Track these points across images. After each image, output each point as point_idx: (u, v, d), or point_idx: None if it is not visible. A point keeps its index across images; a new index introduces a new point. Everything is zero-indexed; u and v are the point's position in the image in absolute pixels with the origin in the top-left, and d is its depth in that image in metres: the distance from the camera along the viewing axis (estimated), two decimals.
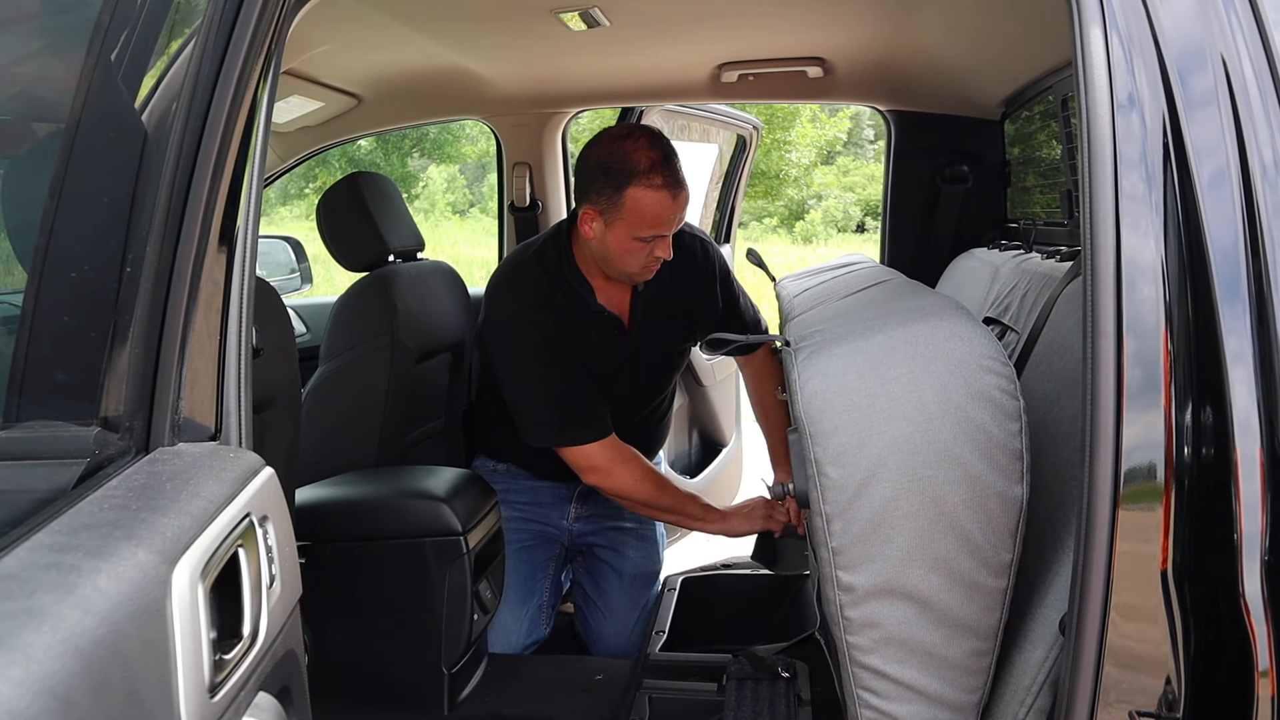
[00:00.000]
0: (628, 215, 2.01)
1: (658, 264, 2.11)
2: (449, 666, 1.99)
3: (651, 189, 1.99)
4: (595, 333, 2.17)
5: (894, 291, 1.55)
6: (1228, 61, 1.03)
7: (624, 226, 2.03)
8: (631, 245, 2.05)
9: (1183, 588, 1.00)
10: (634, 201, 2.00)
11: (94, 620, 0.62)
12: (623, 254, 2.07)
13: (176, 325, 0.91)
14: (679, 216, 2.06)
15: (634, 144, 2.02)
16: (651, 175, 1.99)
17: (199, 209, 0.93)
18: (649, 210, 2.00)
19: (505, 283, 2.18)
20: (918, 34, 2.24)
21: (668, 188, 2.00)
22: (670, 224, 2.05)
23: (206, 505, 0.79)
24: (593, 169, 2.05)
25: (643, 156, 2.00)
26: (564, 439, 2.10)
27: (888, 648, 1.24)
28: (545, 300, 2.12)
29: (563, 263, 2.17)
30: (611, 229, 2.04)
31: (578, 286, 2.16)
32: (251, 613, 0.82)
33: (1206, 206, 1.01)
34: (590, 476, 2.12)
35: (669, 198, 2.01)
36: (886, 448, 1.18)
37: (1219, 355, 0.99)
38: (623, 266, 2.10)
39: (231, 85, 0.95)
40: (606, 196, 2.02)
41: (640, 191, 1.99)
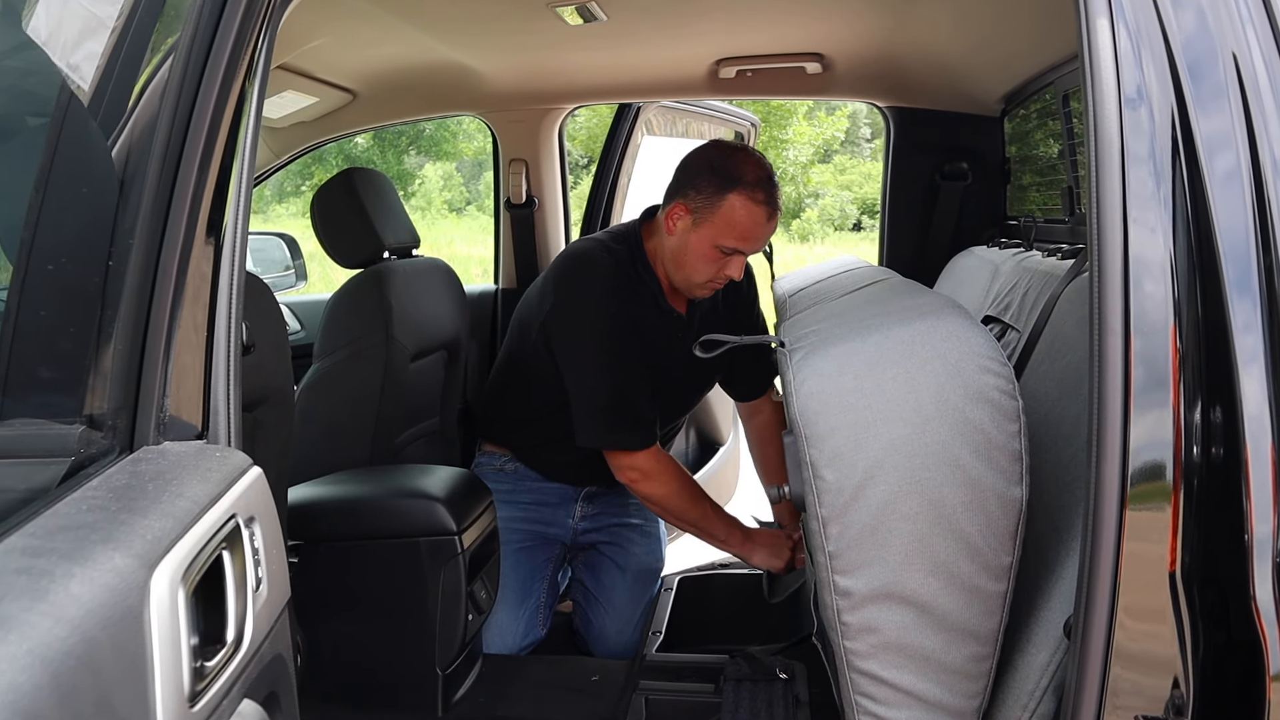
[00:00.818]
0: (720, 220, 2.01)
1: (721, 284, 2.11)
2: (443, 667, 1.97)
3: (754, 201, 1.99)
4: (660, 332, 2.17)
5: (890, 291, 1.53)
6: (1238, 56, 1.01)
7: (711, 230, 2.02)
8: (710, 253, 2.04)
9: (1192, 590, 0.98)
10: (731, 208, 2.00)
11: (64, 629, 0.59)
12: (698, 259, 2.05)
13: (162, 321, 0.89)
14: (765, 240, 2.07)
15: (746, 157, 2.04)
16: (756, 189, 2.00)
17: (185, 202, 0.90)
18: (743, 221, 2.00)
19: (580, 269, 2.15)
20: (917, 29, 2.23)
21: (768, 205, 2.01)
22: (756, 243, 2.05)
23: (189, 506, 0.77)
24: (700, 166, 2.05)
25: (752, 170, 2.01)
26: (613, 441, 2.10)
27: (886, 653, 1.22)
28: (620, 290, 2.11)
29: (635, 257, 2.16)
30: (698, 229, 2.04)
31: (650, 282, 2.15)
32: (236, 617, 0.80)
33: (1216, 202, 0.99)
34: (627, 475, 2.12)
35: (765, 216, 2.01)
36: (884, 450, 1.16)
37: (1229, 352, 0.97)
38: (691, 273, 2.08)
39: (219, 76, 0.92)
40: (706, 196, 2.02)
41: (741, 200, 1.99)
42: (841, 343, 1.23)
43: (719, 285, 2.11)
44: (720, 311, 2.29)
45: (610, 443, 2.10)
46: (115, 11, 1.03)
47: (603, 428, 2.09)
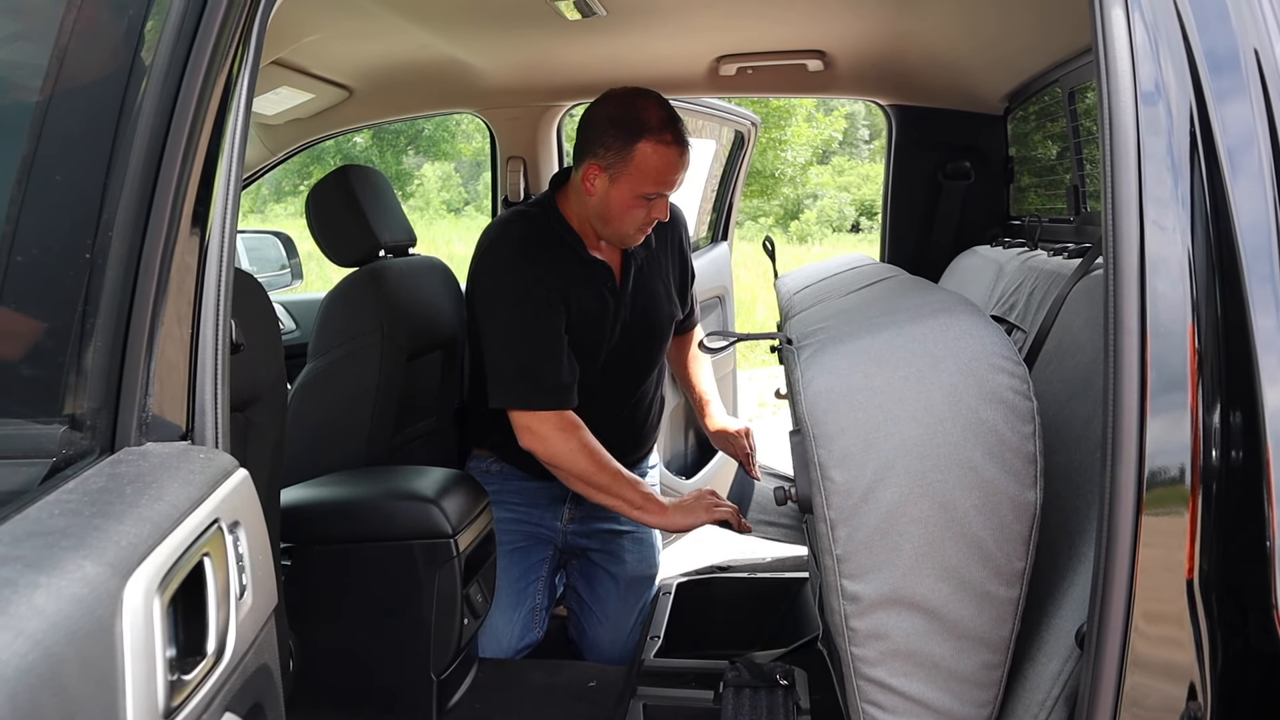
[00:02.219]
0: (635, 170, 2.02)
1: (650, 227, 2.12)
2: (438, 672, 1.94)
3: (663, 145, 2.00)
4: (587, 285, 2.15)
5: (900, 288, 1.50)
6: (1260, 51, 0.98)
7: (629, 182, 2.03)
8: (633, 203, 2.05)
9: (1210, 598, 0.95)
10: (643, 157, 2.00)
11: (24, 644, 0.55)
12: (623, 211, 2.06)
13: (144, 316, 0.86)
14: (682, 177, 2.07)
15: (644, 102, 2.04)
16: (663, 132, 2.00)
17: (168, 193, 0.87)
18: (657, 166, 2.01)
19: (492, 238, 2.16)
20: (920, 26, 2.20)
21: (677, 144, 2.02)
22: (674, 184, 2.06)
23: (169, 511, 0.73)
24: (602, 123, 2.05)
25: (654, 114, 2.02)
26: (519, 401, 2.07)
27: (894, 660, 1.19)
28: (533, 252, 2.10)
29: (550, 218, 2.16)
30: (615, 185, 2.04)
31: (566, 237, 2.15)
32: (218, 627, 0.76)
33: (1237, 200, 0.96)
34: (525, 438, 2.08)
35: (677, 155, 2.02)
36: (894, 450, 1.13)
37: (1250, 354, 0.94)
38: (619, 226, 2.09)
39: (204, 62, 0.89)
40: (615, 151, 2.02)
41: (650, 147, 2.00)
42: (851, 340, 1.20)
43: (648, 230, 2.13)
44: (657, 257, 2.30)
45: (517, 402, 2.07)
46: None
47: (510, 390, 2.08)
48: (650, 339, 2.31)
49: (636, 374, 2.31)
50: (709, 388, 2.58)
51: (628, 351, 2.25)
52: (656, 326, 2.31)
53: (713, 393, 2.58)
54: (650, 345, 2.32)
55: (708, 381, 2.59)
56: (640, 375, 2.32)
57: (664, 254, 2.32)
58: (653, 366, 2.36)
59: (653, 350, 2.33)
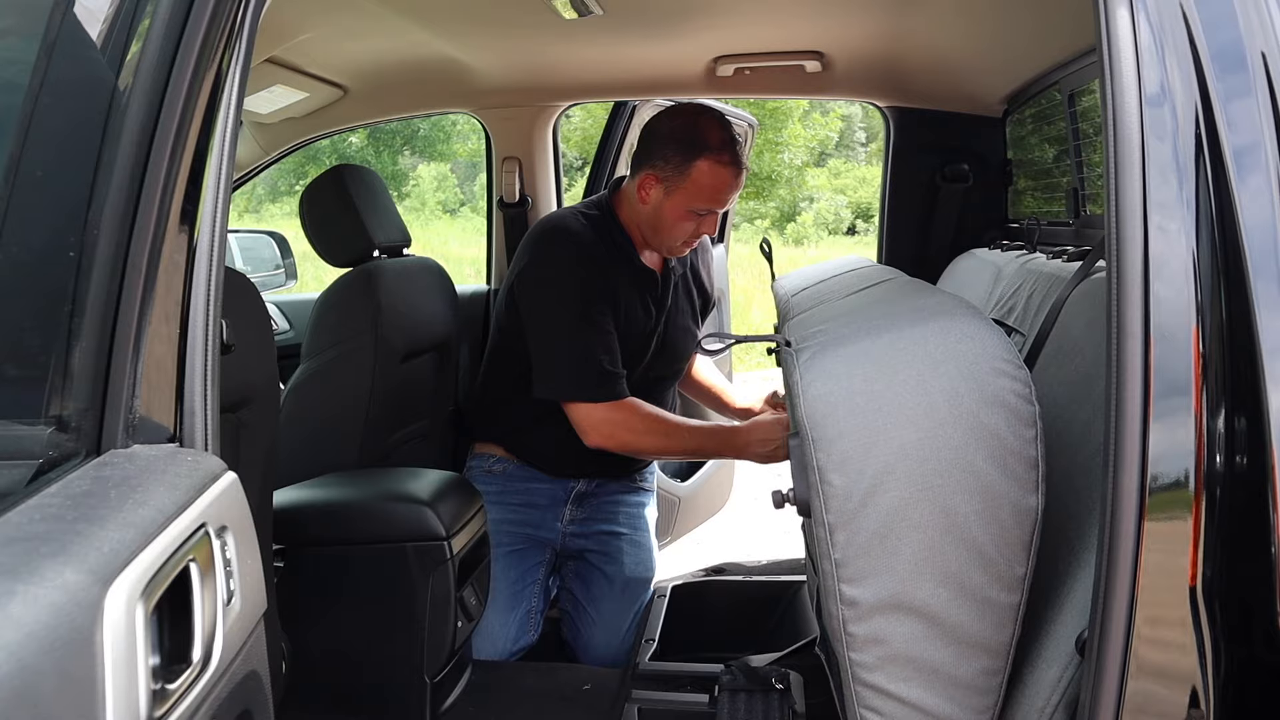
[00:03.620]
0: (690, 186, 2.08)
1: (696, 241, 2.21)
2: (431, 675, 1.93)
3: (720, 164, 2.07)
4: (634, 290, 2.21)
5: (899, 290, 1.49)
6: (1268, 55, 0.97)
7: (684, 197, 2.09)
8: (685, 217, 2.11)
9: (1213, 605, 0.94)
10: (700, 174, 2.07)
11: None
12: (674, 224, 2.12)
13: (131, 315, 0.84)
14: (730, 200, 2.17)
15: (707, 120, 2.11)
16: (722, 152, 2.07)
17: (156, 190, 0.85)
18: (712, 184, 2.08)
19: (549, 232, 2.21)
20: (919, 28, 2.19)
21: (734, 165, 2.09)
22: (726, 202, 2.14)
23: (154, 515, 0.71)
24: (664, 136, 2.12)
25: (715, 133, 2.08)
26: (574, 394, 2.10)
27: (893, 665, 1.17)
28: (591, 249, 2.15)
29: (607, 219, 2.21)
30: (670, 197, 2.10)
31: (622, 241, 2.21)
32: (204, 634, 0.74)
33: (1242, 202, 0.95)
34: (592, 437, 2.11)
35: (732, 176, 2.10)
36: (894, 454, 1.12)
37: (1255, 356, 0.93)
38: (669, 237, 2.16)
39: (193, 55, 0.87)
40: (674, 165, 2.08)
41: (708, 165, 2.06)
42: (851, 343, 1.18)
43: (694, 244, 2.22)
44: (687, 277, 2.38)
45: (571, 395, 2.11)
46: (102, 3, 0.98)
47: (564, 381, 2.11)
48: (679, 352, 2.37)
49: (661, 389, 2.36)
50: (717, 380, 2.66)
51: (660, 366, 2.31)
52: (684, 340, 2.37)
53: (723, 382, 2.67)
54: (678, 358, 2.39)
55: (714, 375, 2.66)
56: (666, 386, 2.39)
57: (694, 275, 2.41)
58: (677, 378, 2.44)
59: (679, 363, 2.41)
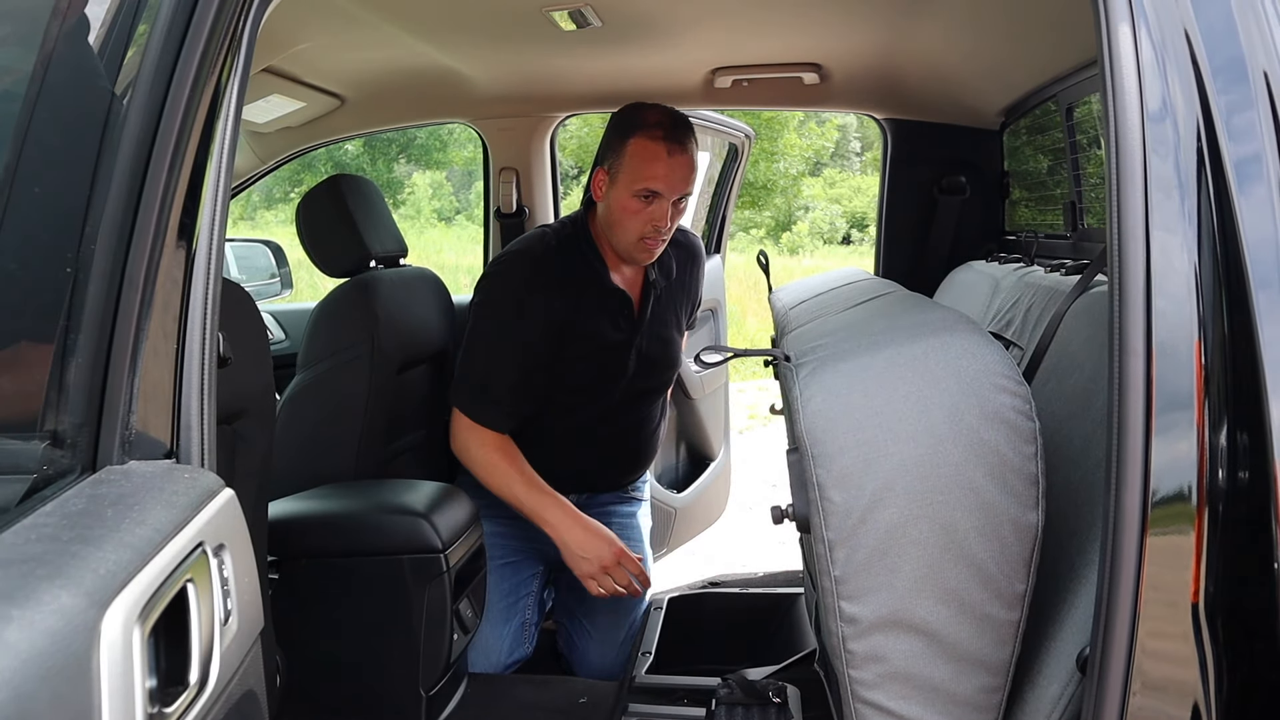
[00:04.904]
0: (627, 167, 2.05)
1: (658, 240, 2.10)
2: (427, 688, 1.91)
3: (652, 140, 2.02)
4: (601, 311, 2.17)
5: (899, 305, 1.49)
6: (1270, 74, 0.97)
7: (624, 181, 2.05)
8: (630, 204, 2.06)
9: (1215, 622, 0.94)
10: (633, 152, 2.04)
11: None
12: (622, 214, 2.07)
13: (128, 331, 0.83)
14: (679, 179, 2.06)
15: (648, 107, 2.09)
16: (655, 129, 2.03)
17: (154, 204, 0.84)
18: (645, 160, 2.03)
19: (507, 255, 2.20)
20: (917, 41, 2.19)
21: (668, 140, 2.02)
22: (666, 181, 2.04)
23: (151, 535, 0.70)
24: (609, 129, 2.12)
25: (653, 114, 2.06)
26: (458, 401, 2.15)
27: (893, 683, 1.17)
28: (546, 276, 2.12)
29: (580, 237, 2.18)
30: (615, 186, 2.08)
31: (594, 262, 2.17)
32: (201, 655, 0.73)
33: (1244, 216, 0.95)
34: (453, 444, 2.17)
35: (665, 151, 2.02)
36: (894, 471, 1.11)
37: (1257, 370, 0.92)
38: (623, 232, 2.10)
39: (192, 69, 0.86)
40: (614, 151, 2.07)
41: (640, 141, 2.03)
42: (850, 358, 1.18)
43: (655, 241, 2.10)
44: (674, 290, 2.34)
45: (457, 402, 2.15)
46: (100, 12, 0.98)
47: (464, 394, 2.14)
48: (664, 368, 2.34)
49: (649, 401, 2.34)
50: None
51: (644, 380, 2.28)
52: (668, 356, 2.34)
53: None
54: (663, 374, 2.36)
55: None
56: (651, 403, 2.36)
57: (681, 287, 2.36)
58: (659, 393, 2.39)
59: (665, 379, 2.38)
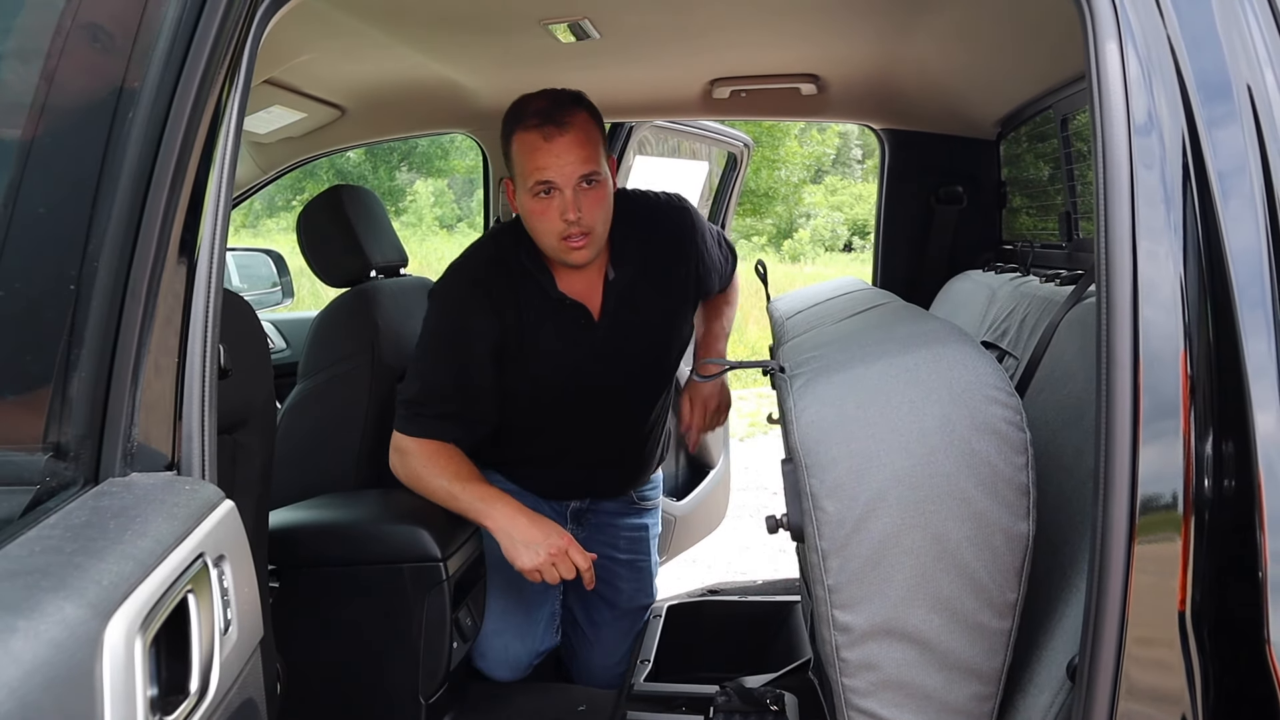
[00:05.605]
0: (517, 167, 1.89)
1: (581, 237, 1.89)
2: (426, 696, 1.92)
3: (527, 130, 1.86)
4: (552, 323, 1.99)
5: (893, 316, 1.50)
6: (1253, 88, 0.99)
7: (520, 184, 1.90)
8: (532, 205, 1.88)
9: (1202, 631, 0.95)
10: (517, 149, 1.88)
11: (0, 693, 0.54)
12: (531, 218, 1.90)
13: (130, 345, 0.84)
14: (568, 161, 1.85)
15: (530, 97, 1.90)
16: (529, 118, 1.86)
17: (156, 219, 0.86)
18: (526, 153, 1.86)
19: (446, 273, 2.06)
20: (914, 52, 2.21)
21: (540, 129, 1.84)
22: (555, 169, 1.84)
23: (152, 547, 0.72)
24: (500, 136, 1.94)
25: (530, 104, 1.88)
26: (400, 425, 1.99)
27: (886, 691, 1.18)
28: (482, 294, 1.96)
29: (520, 249, 2.00)
30: (518, 192, 1.92)
31: (535, 273, 1.99)
32: (201, 665, 0.75)
33: (1228, 227, 0.96)
34: (392, 455, 2.01)
35: (540, 139, 1.84)
36: (887, 481, 1.12)
37: (1241, 380, 0.94)
38: (542, 238, 1.92)
39: (194, 86, 0.88)
40: (507, 156, 1.92)
41: (520, 136, 1.87)
42: (844, 370, 1.19)
43: (575, 240, 1.88)
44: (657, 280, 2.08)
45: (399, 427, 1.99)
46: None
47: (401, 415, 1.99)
48: (651, 363, 2.16)
49: (640, 400, 2.19)
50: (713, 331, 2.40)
51: (622, 381, 2.11)
52: (649, 359, 2.15)
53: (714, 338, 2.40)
54: (652, 370, 2.18)
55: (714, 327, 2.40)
56: (643, 401, 2.20)
57: (663, 270, 2.10)
58: (651, 398, 2.22)
59: (656, 375, 2.21)
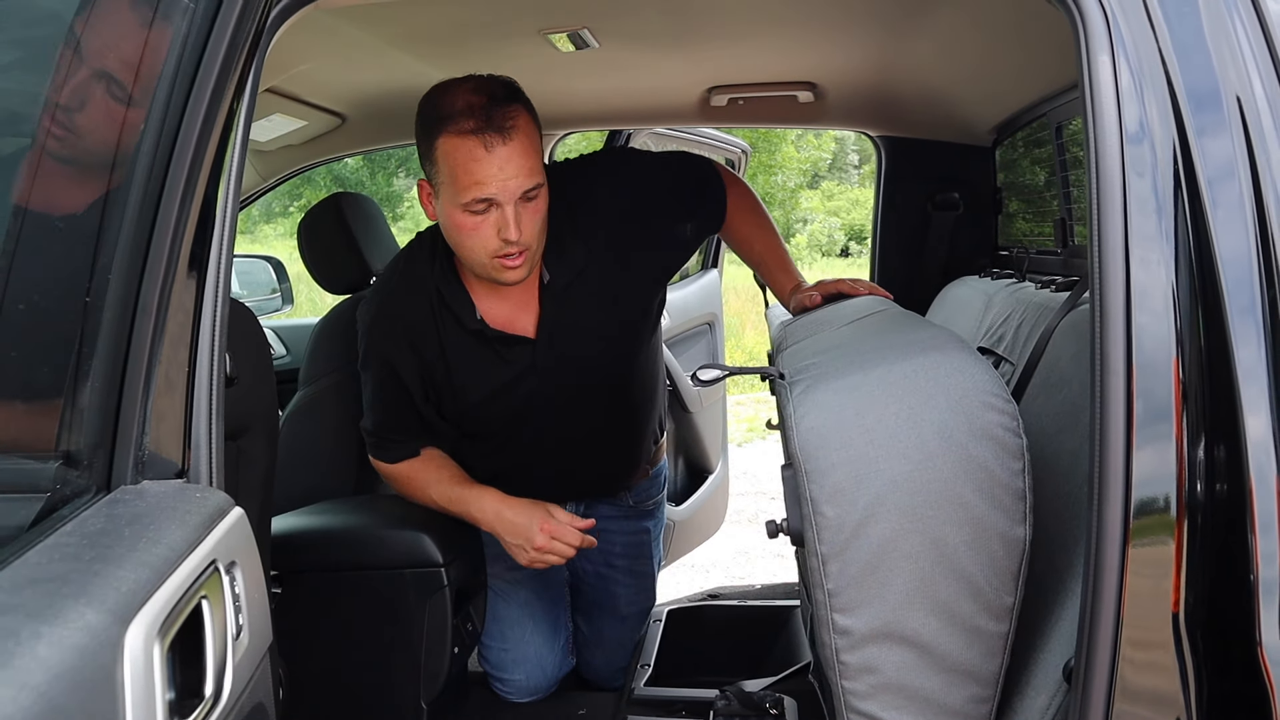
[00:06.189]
0: (443, 175, 1.60)
1: (519, 255, 1.64)
2: (428, 701, 1.93)
3: (458, 135, 1.56)
4: (477, 355, 1.78)
5: (891, 322, 1.52)
6: (1242, 99, 1.01)
7: (447, 194, 1.61)
8: (463, 220, 1.61)
9: (1195, 634, 0.96)
10: (444, 156, 1.59)
11: (29, 697, 0.55)
12: (459, 234, 1.64)
13: (142, 356, 0.86)
14: (513, 173, 1.58)
15: (453, 88, 1.61)
16: (462, 119, 1.56)
17: (167, 233, 0.87)
18: (459, 161, 1.57)
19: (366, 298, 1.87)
20: (910, 60, 2.22)
21: (479, 135, 1.55)
22: (496, 183, 1.57)
23: (167, 554, 0.73)
24: (416, 129, 1.65)
25: (459, 98, 1.58)
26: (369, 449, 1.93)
27: (885, 694, 1.19)
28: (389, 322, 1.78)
29: (435, 269, 1.77)
30: (441, 201, 1.64)
31: (450, 300, 1.76)
32: (215, 669, 0.76)
33: (1218, 234, 0.98)
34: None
35: (479, 148, 1.56)
36: (885, 486, 1.14)
37: (1232, 384, 0.96)
38: (469, 255, 1.66)
39: (204, 102, 0.90)
40: (427, 159, 1.63)
41: (448, 140, 1.57)
42: (843, 376, 1.21)
43: (512, 258, 1.64)
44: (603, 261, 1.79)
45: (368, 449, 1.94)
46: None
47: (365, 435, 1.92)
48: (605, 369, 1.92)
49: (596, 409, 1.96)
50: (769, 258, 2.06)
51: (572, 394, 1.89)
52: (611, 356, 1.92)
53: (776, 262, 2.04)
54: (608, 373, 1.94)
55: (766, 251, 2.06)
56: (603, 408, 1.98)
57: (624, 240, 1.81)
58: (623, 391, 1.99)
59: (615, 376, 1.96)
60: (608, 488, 2.19)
